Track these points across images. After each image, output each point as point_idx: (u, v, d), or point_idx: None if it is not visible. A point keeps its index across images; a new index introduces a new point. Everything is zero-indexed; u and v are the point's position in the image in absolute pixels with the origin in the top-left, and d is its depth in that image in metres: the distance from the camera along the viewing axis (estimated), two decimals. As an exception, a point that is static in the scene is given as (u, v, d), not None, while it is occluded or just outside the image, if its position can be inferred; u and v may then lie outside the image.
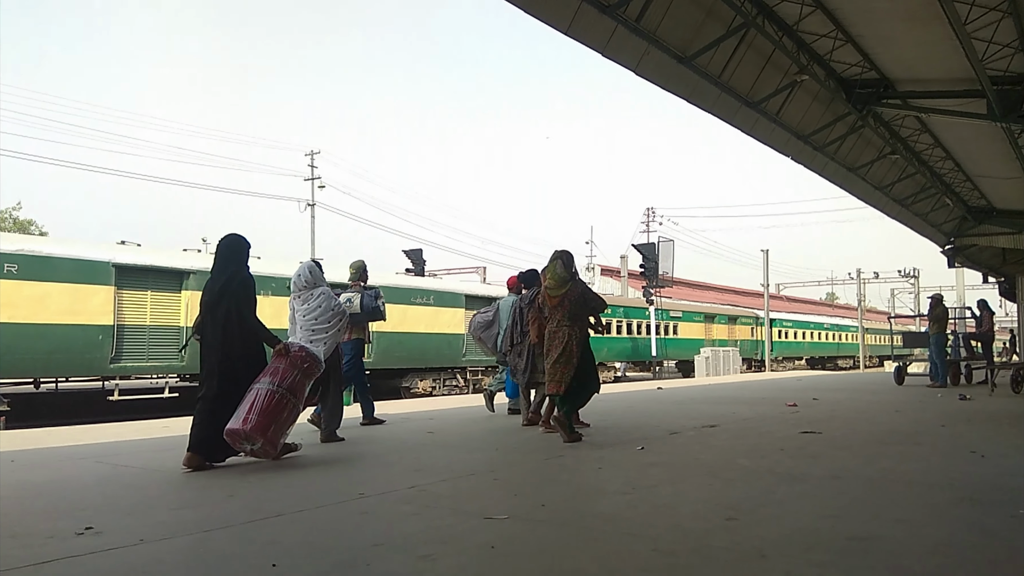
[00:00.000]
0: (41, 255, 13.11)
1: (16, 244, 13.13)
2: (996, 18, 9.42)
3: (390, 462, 5.99)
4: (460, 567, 3.09)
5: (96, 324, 13.46)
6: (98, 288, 13.52)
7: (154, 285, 14.49)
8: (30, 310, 12.68)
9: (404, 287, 18.80)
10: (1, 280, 12.32)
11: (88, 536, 3.55)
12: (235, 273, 5.80)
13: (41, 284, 12.87)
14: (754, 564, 3.08)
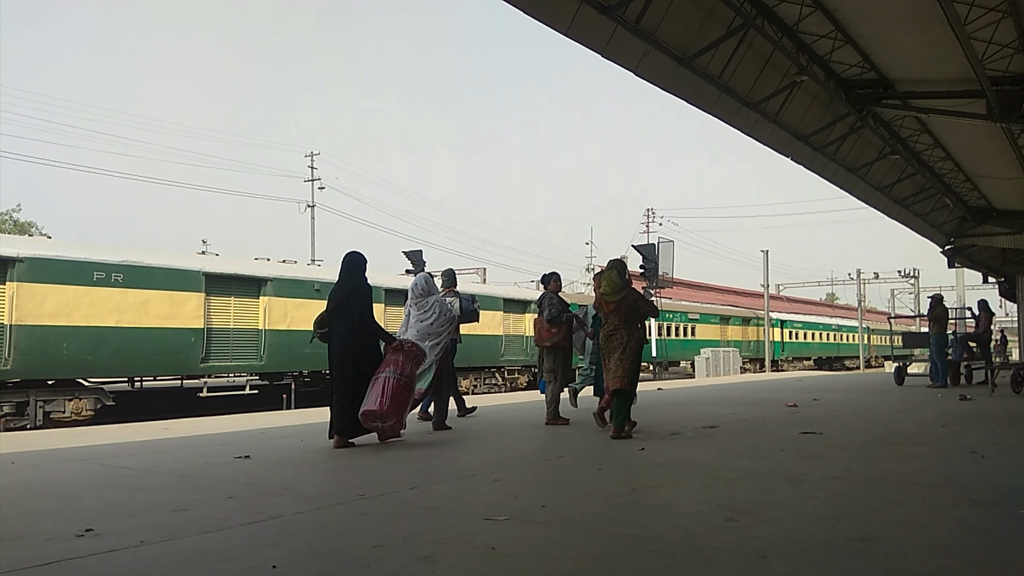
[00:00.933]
0: (143, 265, 14.47)
1: (121, 256, 14.43)
2: (996, 18, 9.43)
3: (389, 462, 5.99)
4: (460, 568, 3.09)
5: (189, 327, 14.86)
6: (191, 295, 14.91)
7: (236, 292, 15.86)
8: (134, 315, 14.07)
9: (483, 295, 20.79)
10: (110, 288, 13.76)
11: (88, 538, 3.55)
12: (358, 283, 6.93)
13: (143, 291, 14.28)
14: (754, 565, 3.08)
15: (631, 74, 10.82)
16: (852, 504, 4.24)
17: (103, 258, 14.03)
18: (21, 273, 12.74)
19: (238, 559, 3.24)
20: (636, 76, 10.90)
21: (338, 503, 4.36)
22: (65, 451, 7.00)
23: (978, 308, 16.61)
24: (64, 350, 13.23)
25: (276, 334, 16.25)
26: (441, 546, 3.38)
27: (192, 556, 3.30)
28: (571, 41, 9.81)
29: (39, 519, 4.05)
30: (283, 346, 16.33)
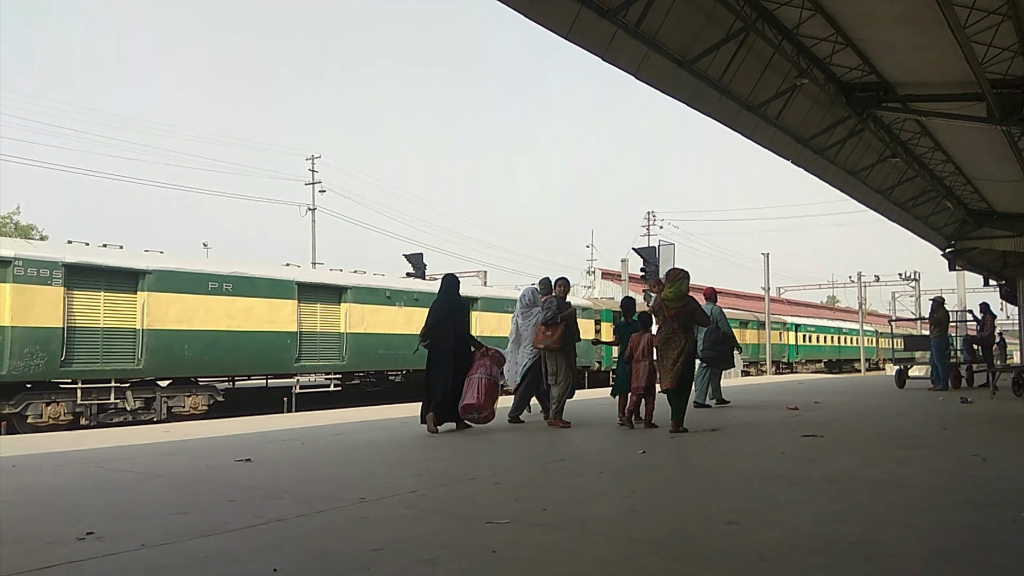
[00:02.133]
0: (248, 276, 16.14)
1: (231, 268, 16.17)
2: (995, 21, 9.44)
3: (390, 466, 5.99)
4: (461, 571, 3.09)
5: (285, 331, 16.48)
6: (286, 302, 16.54)
7: (322, 299, 17.55)
8: (241, 320, 15.70)
9: (498, 298, 22.46)
10: (221, 296, 15.41)
11: (89, 541, 3.55)
12: (455, 301, 8.41)
13: (248, 299, 15.90)
14: (756, 568, 3.08)
15: (632, 77, 10.84)
16: (853, 507, 4.23)
17: (216, 270, 15.77)
18: (150, 284, 14.35)
19: (239, 562, 3.24)
20: (637, 79, 10.92)
21: (339, 506, 4.36)
22: (66, 454, 7.00)
23: (980, 311, 16.60)
24: (185, 351, 14.82)
25: (355, 337, 17.90)
26: (442, 549, 3.38)
27: (193, 559, 3.30)
28: (572, 44, 9.83)
29: (40, 522, 4.05)
30: (360, 348, 18.02)
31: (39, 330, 12.84)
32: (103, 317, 13.83)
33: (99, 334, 13.71)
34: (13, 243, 13.78)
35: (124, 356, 13.97)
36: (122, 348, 13.96)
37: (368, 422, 9.83)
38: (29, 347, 12.72)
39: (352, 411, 12.42)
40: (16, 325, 12.59)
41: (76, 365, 13.32)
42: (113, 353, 13.85)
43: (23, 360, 12.63)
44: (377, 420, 10.07)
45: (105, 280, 13.94)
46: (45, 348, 12.90)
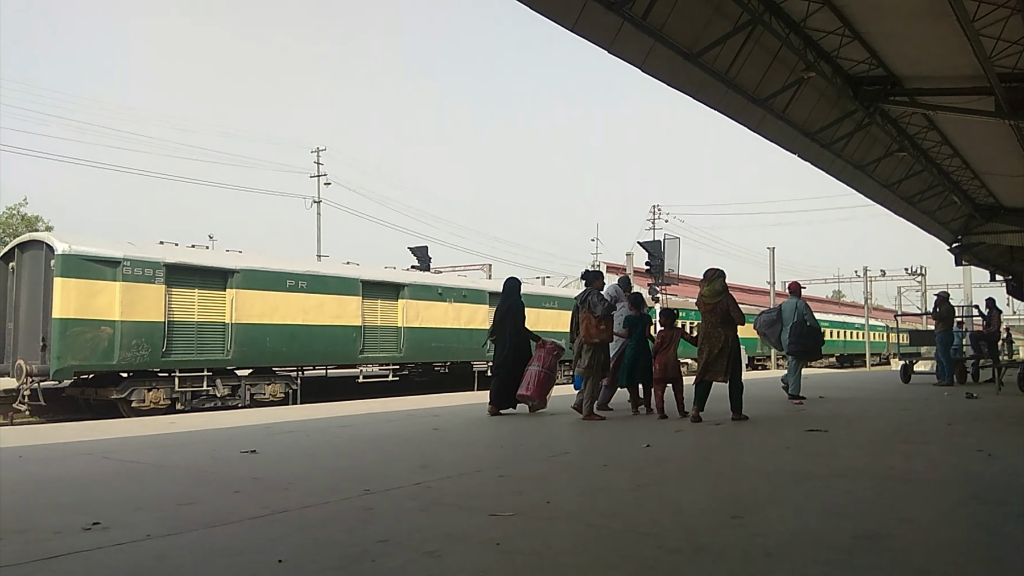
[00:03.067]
0: (320, 274, 17.50)
1: (306, 267, 17.56)
2: (1004, 15, 9.37)
3: (396, 458, 6.00)
4: (466, 563, 3.09)
5: (351, 325, 17.72)
6: (352, 298, 17.80)
7: (382, 295, 18.82)
8: (315, 315, 16.94)
9: (537, 294, 23.24)
10: (298, 293, 16.66)
11: (95, 531, 3.57)
12: (514, 301, 9.73)
13: (320, 296, 17.12)
14: (760, 563, 3.08)
15: (638, 70, 10.80)
16: (858, 502, 4.23)
17: (293, 269, 17.04)
18: (237, 282, 15.57)
19: (244, 553, 3.25)
20: (643, 72, 10.87)
21: (344, 498, 4.37)
22: (72, 445, 7.04)
23: (987, 306, 16.53)
24: (267, 343, 16.08)
25: (411, 330, 19.20)
26: (446, 541, 3.39)
27: (198, 550, 3.31)
28: (577, 37, 9.79)
29: (46, 513, 4.07)
30: (416, 340, 19.30)
31: (144, 324, 14.07)
32: (197, 312, 15.09)
33: (194, 328, 14.97)
34: (122, 245, 14.58)
35: (215, 348, 15.24)
36: (213, 340, 15.25)
37: (374, 415, 9.85)
38: (136, 339, 13.91)
39: (359, 403, 12.45)
40: (125, 320, 13.76)
41: (175, 356, 14.57)
42: (206, 345, 15.14)
43: (130, 351, 13.83)
44: (383, 413, 10.09)
45: (199, 278, 15.19)
46: (149, 340, 14.11)
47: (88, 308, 13.42)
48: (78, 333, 13.25)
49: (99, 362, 13.53)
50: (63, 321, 13.12)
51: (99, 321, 13.48)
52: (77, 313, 13.28)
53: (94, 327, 13.44)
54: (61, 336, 13.06)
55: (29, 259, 14.29)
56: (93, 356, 13.40)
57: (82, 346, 13.27)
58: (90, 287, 13.49)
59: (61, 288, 13.16)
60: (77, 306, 13.29)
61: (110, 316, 13.59)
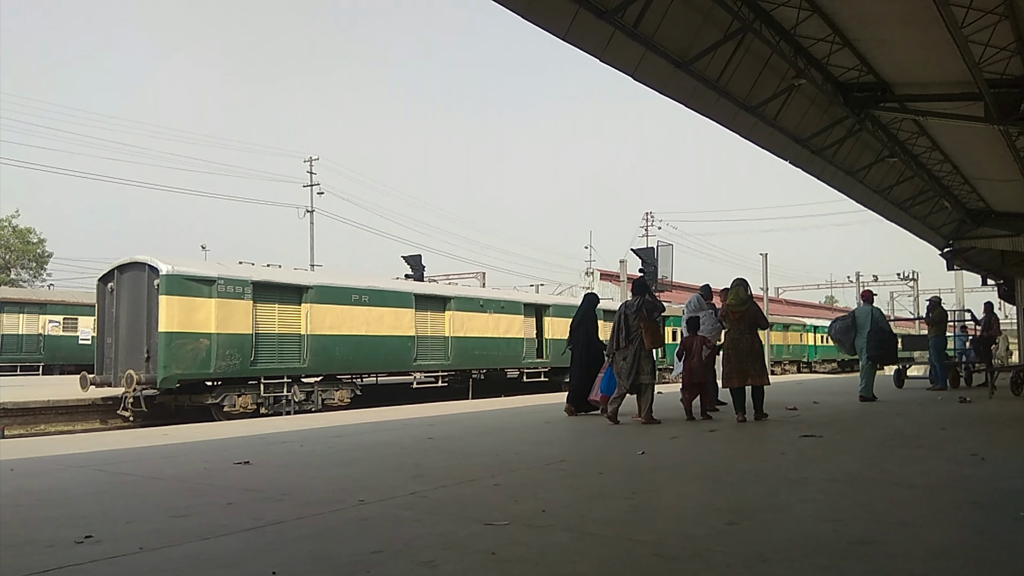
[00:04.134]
0: (380, 289, 19.16)
1: (367, 283, 19.12)
2: (993, 21, 9.44)
3: (390, 468, 5.98)
4: (461, 573, 3.08)
5: (407, 335, 19.36)
6: (407, 311, 19.47)
7: (432, 307, 20.44)
8: (376, 326, 18.55)
9: (567, 305, 25.11)
10: (361, 307, 18.22)
11: (88, 544, 3.54)
12: (587, 312, 10.77)
13: (380, 309, 18.72)
14: (756, 568, 3.07)
15: (629, 78, 10.84)
16: (853, 507, 4.23)
17: (357, 284, 18.69)
18: (311, 297, 17.12)
19: (238, 565, 3.23)
20: (635, 80, 10.92)
21: (338, 508, 4.35)
22: (64, 457, 6.99)
23: (984, 311, 16.59)
24: (336, 353, 17.55)
25: (457, 340, 20.78)
26: (442, 551, 3.38)
27: (192, 562, 3.29)
28: (569, 45, 9.83)
29: (38, 525, 4.04)
30: (461, 349, 20.93)
31: (236, 336, 15.51)
32: (278, 325, 16.60)
33: (276, 339, 16.48)
34: (216, 266, 16.06)
35: (293, 357, 16.75)
36: (292, 350, 16.76)
37: (368, 424, 9.82)
38: (229, 350, 15.35)
39: (353, 413, 12.41)
40: (220, 332, 15.20)
41: (260, 364, 16.03)
42: (285, 354, 16.63)
43: (224, 360, 15.24)
44: (378, 422, 10.06)
45: (279, 294, 16.70)
46: (240, 351, 15.55)
47: (188, 322, 14.83)
48: (181, 345, 14.67)
49: (198, 371, 14.95)
50: (168, 335, 14.52)
51: (198, 334, 14.91)
52: (180, 327, 14.68)
53: (194, 339, 14.87)
54: (166, 348, 14.43)
55: (129, 279, 15.56)
56: (193, 365, 14.80)
57: (184, 356, 14.68)
58: (190, 303, 14.90)
59: (166, 305, 14.57)
60: (180, 321, 14.69)
61: (207, 329, 15.02)
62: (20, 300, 30.43)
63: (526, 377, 23.10)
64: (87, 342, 30.65)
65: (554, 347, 23.92)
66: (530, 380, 23.08)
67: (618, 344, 8.97)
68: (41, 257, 52.63)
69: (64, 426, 15.38)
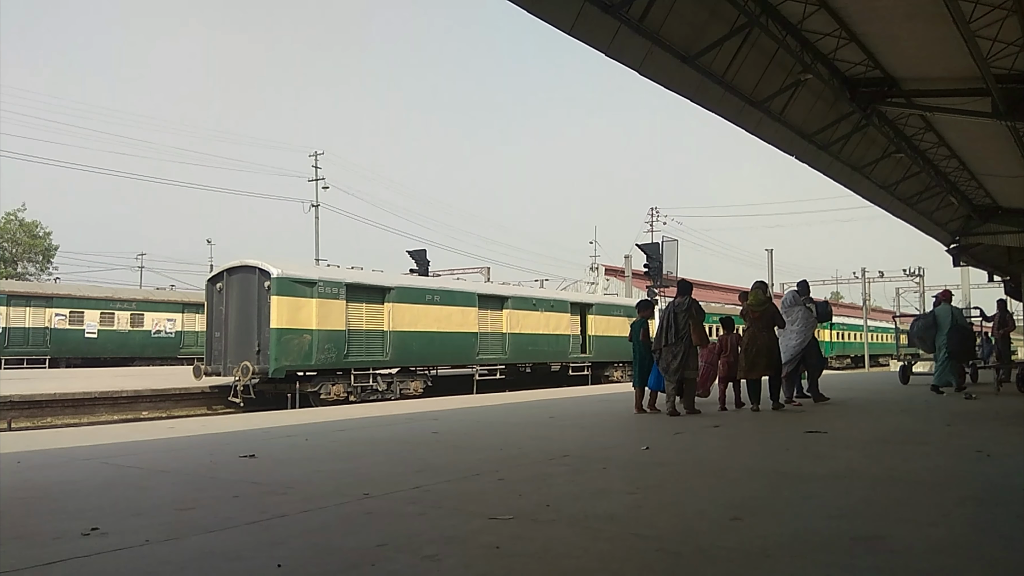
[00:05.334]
0: (448, 289, 21.35)
1: (438, 284, 21.90)
2: (1001, 16, 9.38)
3: (394, 462, 5.99)
4: (465, 567, 3.09)
5: (470, 332, 21.29)
6: (471, 309, 21.38)
7: (491, 306, 22.30)
8: (445, 323, 20.46)
9: (607, 303, 27.91)
10: (433, 306, 20.14)
11: (94, 537, 3.56)
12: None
13: (449, 307, 20.62)
14: (759, 564, 3.08)
15: (635, 73, 10.81)
16: (857, 503, 4.23)
17: (431, 285, 21.25)
18: (392, 297, 19.04)
19: (243, 558, 3.24)
20: (640, 75, 10.89)
21: (343, 502, 4.36)
22: (71, 450, 7.03)
23: (998, 308, 16.51)
24: (413, 347, 19.45)
25: (514, 336, 22.75)
26: (445, 545, 3.39)
27: (197, 555, 3.31)
28: (575, 40, 9.80)
29: (45, 518, 4.06)
30: (517, 344, 22.86)
31: (333, 332, 17.38)
32: (365, 322, 18.37)
33: (363, 334, 18.28)
34: (316, 269, 18.48)
35: (377, 350, 18.56)
36: (376, 345, 18.56)
37: (372, 418, 9.84)
38: (327, 344, 17.22)
39: (357, 407, 12.45)
40: (319, 328, 17.05)
41: (351, 357, 17.85)
42: (371, 348, 18.43)
43: (323, 354, 17.13)
44: (381, 416, 10.09)
45: (366, 295, 18.52)
46: (336, 345, 17.41)
47: (295, 320, 16.70)
48: (289, 340, 16.56)
49: (302, 362, 16.83)
50: (278, 330, 16.40)
51: (302, 330, 16.81)
52: (288, 324, 16.57)
53: (299, 335, 16.77)
54: (277, 342, 16.32)
55: (238, 280, 17.39)
56: (299, 358, 16.72)
57: (291, 350, 16.58)
58: (296, 303, 16.77)
59: (276, 304, 16.45)
60: (288, 318, 16.56)
61: (309, 326, 16.91)
62: (26, 293, 30.52)
63: (571, 371, 24.78)
64: (93, 336, 30.80)
65: (596, 343, 25.89)
66: (575, 374, 24.73)
67: (666, 341, 9.35)
68: (47, 250, 52.82)
69: (71, 419, 15.46)
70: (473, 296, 21.69)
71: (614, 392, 15.47)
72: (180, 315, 33.40)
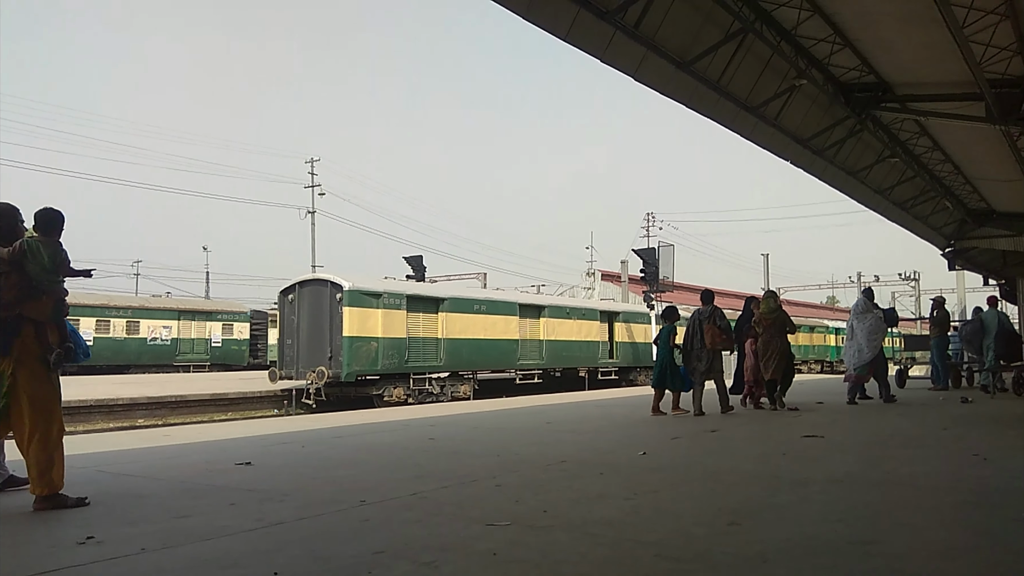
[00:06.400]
0: (492, 299, 23.18)
1: (484, 295, 23.77)
2: (994, 21, 9.42)
3: (391, 468, 5.98)
4: (462, 574, 3.08)
5: (512, 339, 23.08)
6: (512, 318, 23.20)
7: (529, 315, 24.07)
8: (491, 331, 22.24)
9: (632, 312, 29.71)
10: (480, 315, 21.91)
11: (90, 545, 3.55)
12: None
13: (493, 316, 22.42)
14: (757, 569, 3.07)
15: (631, 79, 10.84)
16: (854, 507, 4.23)
17: (478, 296, 23.12)
18: (446, 307, 20.78)
19: (240, 566, 3.23)
20: (635, 80, 10.91)
21: (340, 509, 4.35)
22: (66, 458, 6.97)
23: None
24: (463, 353, 21.18)
25: (552, 343, 24.46)
26: (443, 552, 3.38)
27: (194, 563, 3.29)
28: (570, 46, 9.82)
29: (40, 526, 4.05)
30: (553, 350, 24.53)
31: (395, 339, 19.12)
32: (422, 330, 20.04)
33: (420, 342, 19.92)
34: (381, 282, 20.33)
35: (432, 356, 20.22)
36: (431, 351, 20.23)
37: (369, 425, 9.82)
38: (391, 351, 18.90)
39: (354, 414, 12.41)
40: (384, 336, 18.77)
41: (411, 363, 19.50)
42: (427, 354, 20.08)
43: (388, 359, 18.79)
44: (378, 423, 10.07)
45: (422, 305, 20.21)
46: (398, 351, 19.14)
47: (363, 328, 18.30)
48: (359, 347, 18.18)
49: (370, 367, 18.47)
50: (350, 338, 17.95)
51: (370, 338, 18.43)
52: (358, 332, 18.17)
53: (367, 342, 18.39)
54: (349, 349, 17.89)
55: (310, 292, 18.92)
56: (367, 363, 18.35)
57: (361, 356, 18.19)
58: (364, 313, 18.37)
59: (348, 315, 17.99)
60: (358, 327, 18.15)
61: (375, 334, 18.56)
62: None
63: (600, 375, 26.48)
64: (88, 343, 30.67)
65: (622, 350, 27.89)
66: (603, 378, 26.40)
67: (692, 346, 10.21)
68: (43, 258, 52.60)
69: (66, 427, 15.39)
70: (515, 306, 23.58)
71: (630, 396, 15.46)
72: (176, 322, 33.31)
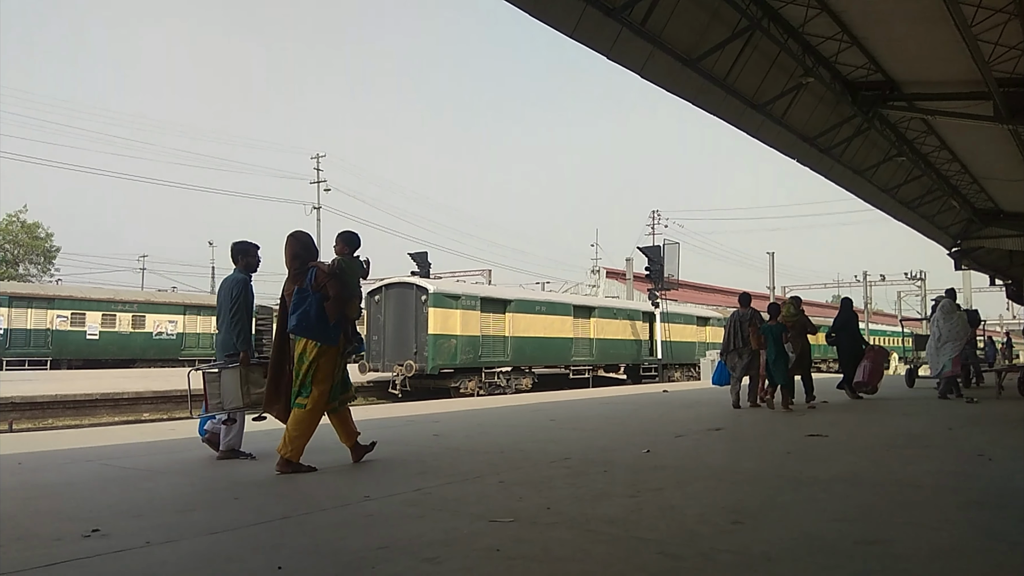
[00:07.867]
0: (551, 301, 25.58)
1: (543, 296, 26.14)
2: (1003, 20, 9.38)
3: (395, 465, 5.99)
4: (465, 570, 3.08)
5: (567, 337, 25.17)
6: (567, 318, 25.30)
7: (581, 315, 26.04)
8: (550, 330, 24.44)
9: (673, 312, 31.14)
10: (541, 315, 24.21)
11: (95, 539, 3.56)
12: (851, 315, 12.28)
13: (551, 316, 24.61)
14: (761, 568, 3.07)
15: (637, 76, 10.82)
16: (859, 507, 4.22)
17: (539, 298, 25.49)
18: (512, 308, 23.25)
19: (244, 560, 3.24)
20: (642, 77, 10.88)
21: (343, 504, 4.36)
22: (71, 452, 7.02)
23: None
24: (526, 349, 23.43)
25: (600, 341, 26.57)
26: (446, 548, 3.38)
27: (198, 557, 3.30)
28: (577, 43, 9.80)
29: (45, 519, 4.06)
30: (603, 347, 26.74)
31: (471, 337, 21.44)
32: (492, 329, 22.30)
33: (491, 339, 22.21)
34: (460, 285, 23.19)
35: (500, 353, 22.47)
36: (499, 348, 22.53)
37: (373, 420, 9.83)
38: (467, 347, 21.21)
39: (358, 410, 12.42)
40: (462, 334, 21.07)
41: (483, 358, 21.78)
42: (496, 351, 22.36)
43: (464, 355, 21.12)
44: (382, 419, 10.08)
45: (492, 306, 22.58)
46: (473, 348, 21.45)
47: (445, 327, 20.62)
48: (442, 343, 20.46)
49: (450, 362, 20.77)
50: (434, 336, 20.30)
51: (450, 335, 20.70)
52: (441, 330, 20.49)
53: (448, 339, 20.65)
54: (433, 345, 20.20)
55: (396, 293, 21.29)
56: (448, 358, 20.63)
57: (443, 352, 20.49)
58: (446, 313, 20.68)
59: (432, 314, 20.35)
60: (441, 325, 20.46)
61: (455, 332, 20.84)
62: (28, 295, 30.54)
63: (642, 371, 28.66)
64: (94, 337, 30.80)
65: (663, 348, 29.66)
66: (644, 374, 28.55)
67: (733, 345, 10.90)
68: (49, 252, 52.87)
69: (72, 420, 15.47)
70: (569, 307, 25.77)
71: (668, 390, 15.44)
72: (182, 317, 33.41)
